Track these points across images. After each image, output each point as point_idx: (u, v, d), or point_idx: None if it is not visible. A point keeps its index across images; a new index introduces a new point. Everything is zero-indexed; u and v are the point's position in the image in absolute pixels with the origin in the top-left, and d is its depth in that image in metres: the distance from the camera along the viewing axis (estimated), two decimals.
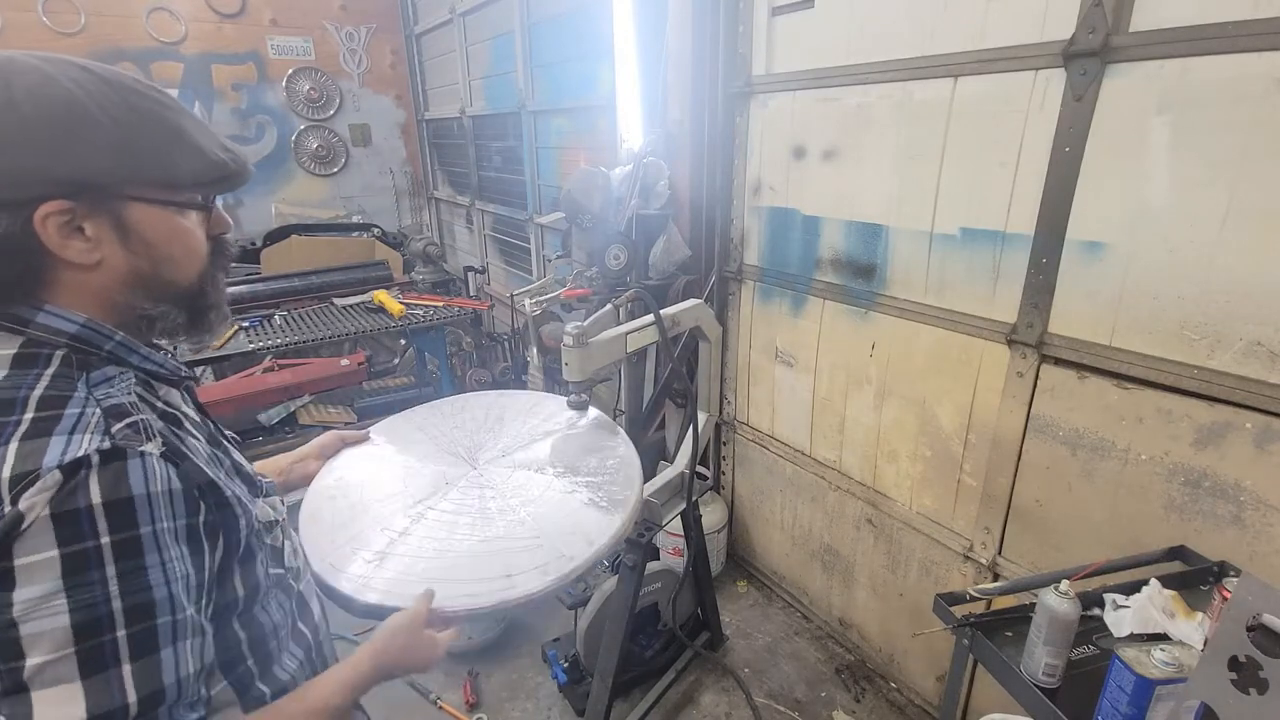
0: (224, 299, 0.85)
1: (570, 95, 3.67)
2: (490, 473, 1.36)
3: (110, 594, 0.63)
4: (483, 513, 1.23)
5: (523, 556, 1.10)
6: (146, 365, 0.79)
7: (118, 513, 0.64)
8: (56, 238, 0.68)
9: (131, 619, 0.64)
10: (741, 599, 2.96)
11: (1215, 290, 1.39)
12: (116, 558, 0.63)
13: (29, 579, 0.60)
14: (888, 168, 2.02)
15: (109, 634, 0.63)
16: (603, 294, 2.86)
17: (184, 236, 0.77)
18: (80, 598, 0.61)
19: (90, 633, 0.62)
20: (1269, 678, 0.84)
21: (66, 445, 0.63)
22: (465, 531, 1.17)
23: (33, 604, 0.60)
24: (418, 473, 1.35)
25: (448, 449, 1.44)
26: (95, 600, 0.62)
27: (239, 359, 3.48)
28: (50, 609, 0.60)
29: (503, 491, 1.29)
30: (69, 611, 0.61)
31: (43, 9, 4.38)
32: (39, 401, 0.66)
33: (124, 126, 0.69)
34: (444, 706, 2.38)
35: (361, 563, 1.08)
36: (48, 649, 0.60)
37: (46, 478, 0.61)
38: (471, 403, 1.65)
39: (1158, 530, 1.57)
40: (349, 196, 5.83)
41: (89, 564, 0.62)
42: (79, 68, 0.70)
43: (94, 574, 0.62)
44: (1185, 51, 1.35)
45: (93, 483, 0.63)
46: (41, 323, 0.71)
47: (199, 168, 0.75)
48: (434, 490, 1.29)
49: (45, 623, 0.60)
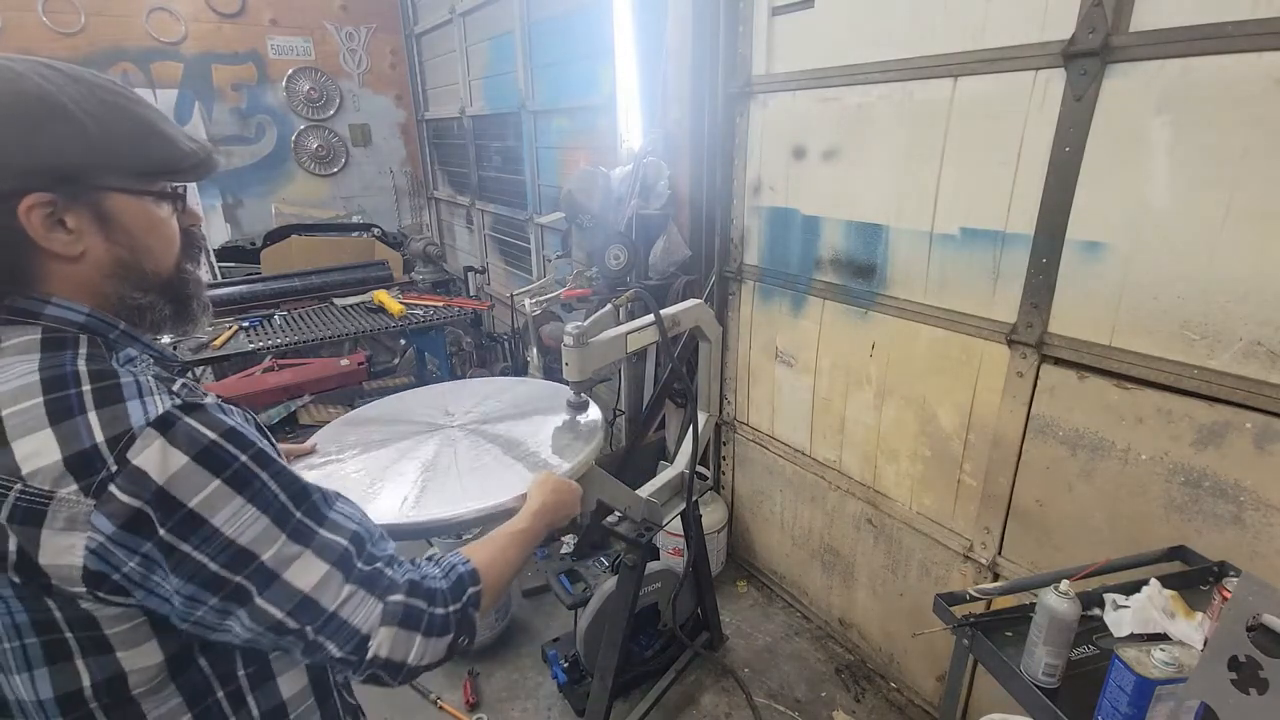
0: (203, 288, 0.89)
1: (570, 95, 3.67)
2: (459, 426, 1.60)
3: (275, 490, 0.74)
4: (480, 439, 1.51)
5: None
6: (149, 353, 0.82)
7: (234, 439, 0.72)
8: (41, 229, 0.70)
9: (298, 503, 0.76)
10: (741, 599, 2.96)
11: (1215, 290, 1.39)
12: (260, 466, 0.73)
13: (215, 507, 0.69)
14: (888, 168, 2.01)
15: (296, 515, 0.75)
16: (603, 294, 2.86)
17: (160, 227, 0.80)
18: (261, 500, 0.72)
19: (285, 518, 0.74)
20: (1269, 678, 0.84)
21: (144, 407, 0.69)
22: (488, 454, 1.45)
23: (232, 520, 0.70)
24: (397, 444, 1.51)
25: (413, 424, 1.62)
26: (270, 499, 0.73)
27: (239, 359, 3.47)
28: (249, 517, 0.71)
29: (481, 432, 1.54)
30: (262, 513, 0.72)
31: (43, 9, 4.38)
32: (90, 375, 0.70)
33: (96, 119, 0.71)
34: (444, 706, 2.38)
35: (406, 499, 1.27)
36: (269, 542, 0.72)
37: (144, 435, 0.67)
38: (408, 396, 1.85)
39: (1158, 530, 1.57)
40: (349, 196, 5.83)
41: (248, 478, 0.72)
42: (45, 65, 0.71)
43: (255, 483, 0.72)
44: (1185, 51, 1.35)
45: (198, 426, 0.70)
46: (51, 314, 0.73)
47: (171, 156, 0.77)
48: (424, 443, 1.50)
49: (253, 527, 0.71)
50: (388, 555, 0.83)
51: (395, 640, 0.77)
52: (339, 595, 0.75)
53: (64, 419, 0.67)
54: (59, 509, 0.65)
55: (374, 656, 0.76)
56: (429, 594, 0.82)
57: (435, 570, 0.86)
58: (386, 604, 0.78)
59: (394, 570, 0.81)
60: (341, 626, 0.75)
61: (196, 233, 0.88)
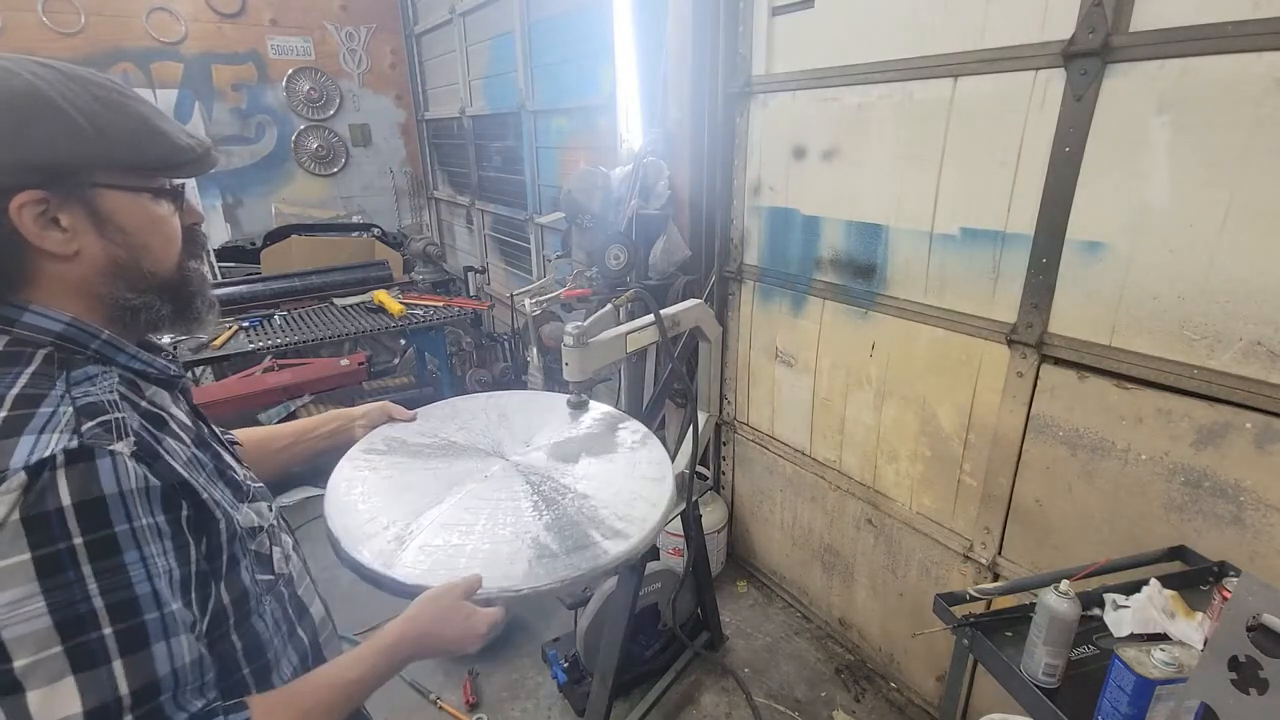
0: (207, 286, 0.86)
1: (570, 95, 3.67)
2: (530, 460, 1.41)
3: (90, 592, 0.63)
4: (539, 495, 1.26)
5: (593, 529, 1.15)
6: (133, 365, 0.79)
7: (89, 512, 0.63)
8: (34, 228, 0.69)
9: (116, 616, 0.64)
10: (741, 599, 2.96)
11: (1215, 290, 1.39)
12: (92, 557, 0.63)
13: (5, 584, 0.60)
14: (888, 168, 2.01)
15: (94, 631, 0.63)
16: (603, 294, 2.86)
17: (159, 224, 0.78)
18: (58, 598, 0.61)
19: (74, 630, 0.62)
20: (1269, 678, 0.84)
21: (35, 445, 0.63)
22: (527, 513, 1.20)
23: (11, 607, 0.60)
24: (454, 465, 1.37)
25: (483, 441, 1.48)
26: (74, 599, 0.62)
27: (239, 359, 3.47)
28: (30, 611, 0.60)
29: (547, 476, 1.33)
30: (49, 612, 0.61)
31: (43, 9, 4.38)
32: (14, 400, 0.66)
33: (88, 114, 0.70)
34: (444, 706, 2.38)
35: (415, 549, 1.09)
36: (33, 649, 0.60)
37: (12, 479, 0.61)
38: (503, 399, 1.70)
39: (1158, 530, 1.57)
40: (349, 196, 5.83)
41: (63, 565, 0.62)
42: (37, 63, 0.70)
43: (69, 574, 0.62)
44: (1185, 51, 1.35)
45: (61, 484, 0.62)
46: (27, 322, 0.71)
47: (166, 151, 0.76)
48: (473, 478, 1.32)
49: (27, 625, 0.60)
50: (181, 717, 0.68)
51: None
52: None
53: None
54: None
55: None
56: None
57: None
58: None
59: None
60: None
61: (199, 230, 0.87)
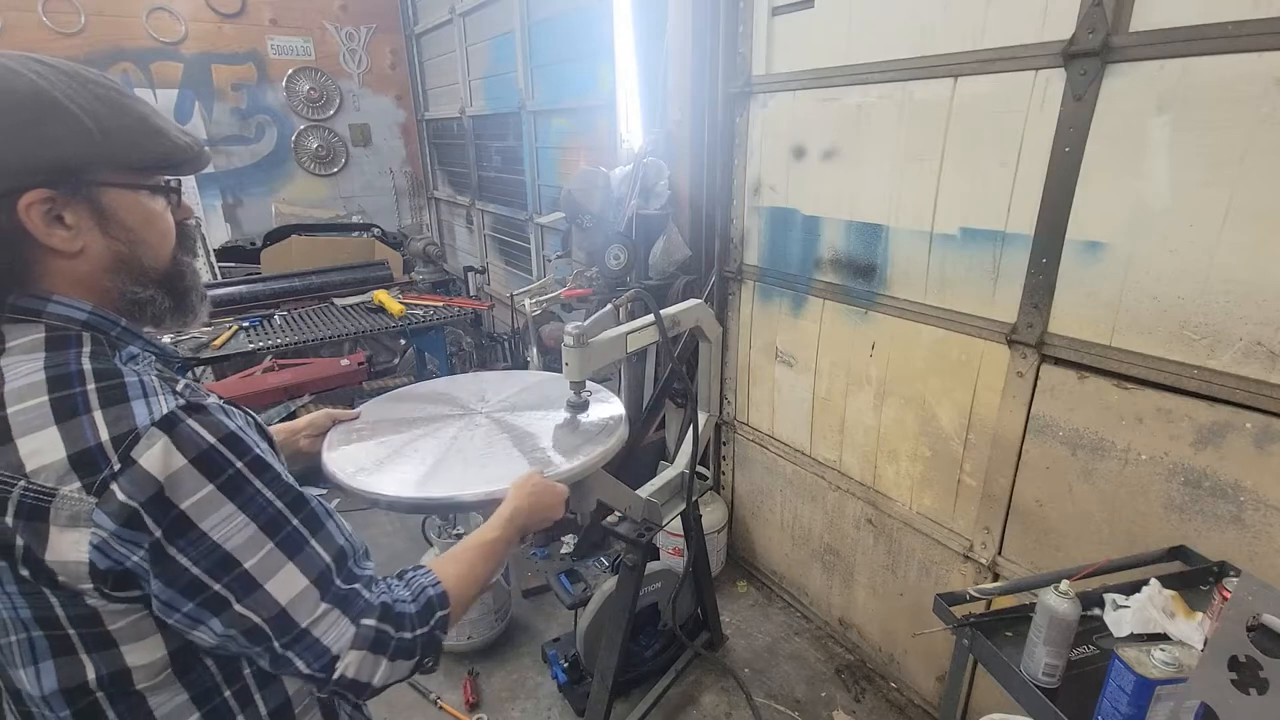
0: (199, 279, 0.89)
1: (570, 95, 3.67)
2: (486, 413, 1.63)
3: (269, 498, 0.75)
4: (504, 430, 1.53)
5: None
6: (150, 350, 0.82)
7: (232, 444, 0.73)
8: (41, 226, 0.70)
9: (294, 510, 0.77)
10: (741, 599, 2.96)
11: (1215, 290, 1.39)
12: (255, 473, 0.74)
13: (204, 512, 0.70)
14: (888, 168, 2.01)
15: (287, 525, 0.76)
16: (603, 294, 2.86)
17: (156, 220, 0.81)
18: (252, 508, 0.73)
19: (275, 528, 0.75)
20: (1269, 678, 0.85)
21: (148, 406, 0.70)
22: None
23: (221, 525, 0.70)
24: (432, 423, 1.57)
25: (450, 405, 1.67)
26: (263, 506, 0.74)
27: (239, 359, 3.47)
28: (237, 524, 0.72)
29: (503, 422, 1.58)
30: (251, 520, 0.73)
31: (43, 9, 4.38)
32: (95, 374, 0.71)
33: (91, 114, 0.71)
34: (444, 706, 2.38)
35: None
36: (254, 550, 0.73)
37: (148, 435, 0.68)
38: (458, 381, 1.90)
39: (1158, 530, 1.57)
40: (349, 196, 5.83)
41: (241, 484, 0.73)
42: (39, 62, 0.72)
43: (248, 490, 0.73)
44: (1185, 51, 1.35)
45: (199, 429, 0.71)
46: (54, 311, 0.74)
47: (165, 150, 0.78)
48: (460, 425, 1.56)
49: (241, 534, 0.72)
50: (367, 575, 0.83)
51: (363, 663, 0.78)
52: (314, 612, 0.76)
53: (69, 417, 0.67)
54: (62, 506, 0.66)
55: (340, 676, 0.77)
56: (399, 619, 0.82)
57: (405, 593, 0.86)
58: (360, 627, 0.78)
59: (370, 592, 0.81)
60: (312, 644, 0.76)
61: (191, 225, 0.89)
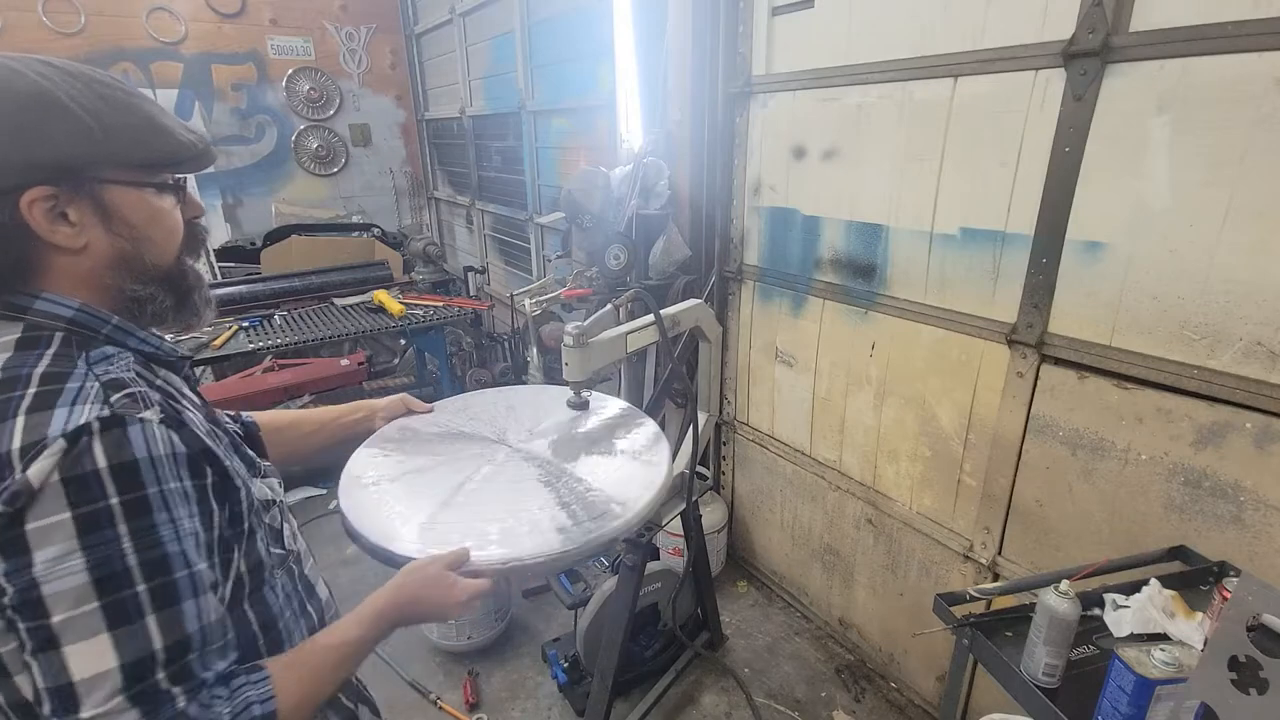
0: (204, 281, 0.89)
1: (570, 95, 3.67)
2: (538, 448, 1.51)
3: (124, 550, 0.66)
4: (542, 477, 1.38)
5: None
6: (144, 348, 0.82)
7: (124, 475, 0.67)
8: (44, 223, 0.71)
9: (149, 573, 0.67)
10: (741, 599, 2.96)
11: (1215, 290, 1.39)
12: (127, 516, 0.66)
13: (45, 541, 0.63)
14: (888, 168, 2.01)
15: (129, 588, 0.66)
16: (603, 294, 2.86)
17: (162, 218, 0.81)
18: (97, 555, 0.64)
19: (111, 587, 0.65)
20: (1269, 678, 0.85)
21: (69, 415, 0.66)
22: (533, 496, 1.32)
23: (51, 564, 0.63)
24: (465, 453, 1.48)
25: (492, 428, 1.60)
26: (111, 556, 0.65)
27: (239, 359, 3.47)
28: (69, 567, 0.63)
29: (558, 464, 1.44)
30: (88, 569, 0.64)
31: (43, 9, 4.38)
32: (41, 378, 0.69)
33: (94, 113, 0.72)
34: (444, 706, 2.37)
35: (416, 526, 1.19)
36: (71, 604, 0.63)
37: (52, 445, 0.64)
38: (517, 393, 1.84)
39: (1158, 530, 1.57)
40: (349, 196, 5.83)
41: (101, 523, 0.65)
42: (42, 62, 0.72)
43: (107, 532, 0.65)
44: (1185, 51, 1.35)
45: (96, 448, 0.65)
46: (39, 309, 0.73)
47: (170, 148, 0.78)
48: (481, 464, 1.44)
49: (66, 581, 0.63)
50: (199, 679, 0.71)
51: None
52: (103, 704, 0.64)
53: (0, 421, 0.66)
54: None
55: None
56: None
57: (225, 711, 0.72)
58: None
59: (188, 702, 0.69)
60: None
61: (199, 224, 0.89)
